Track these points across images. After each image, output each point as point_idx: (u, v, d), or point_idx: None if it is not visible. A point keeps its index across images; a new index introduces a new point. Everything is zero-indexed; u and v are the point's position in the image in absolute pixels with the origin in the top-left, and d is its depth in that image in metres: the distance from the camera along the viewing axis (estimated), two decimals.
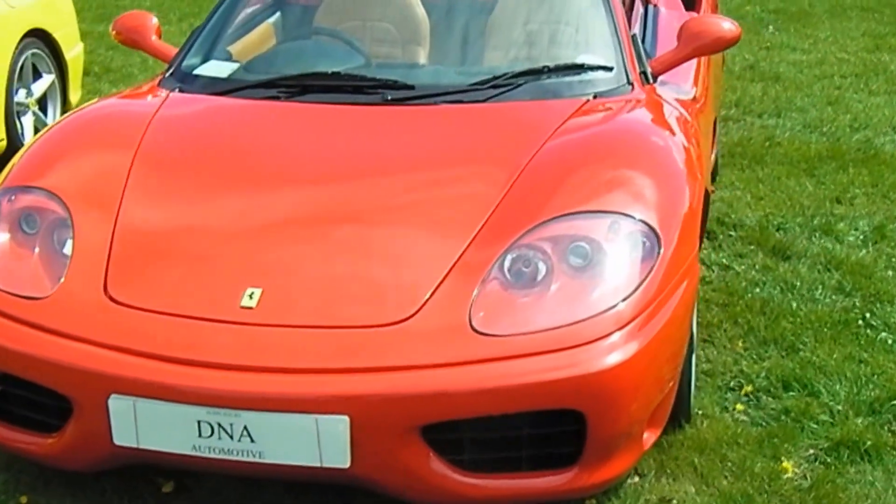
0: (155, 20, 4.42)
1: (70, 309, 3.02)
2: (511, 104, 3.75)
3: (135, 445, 2.89)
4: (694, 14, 5.05)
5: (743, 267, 4.82)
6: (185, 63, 4.15)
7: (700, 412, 3.67)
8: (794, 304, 4.43)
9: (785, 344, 4.12)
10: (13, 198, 3.37)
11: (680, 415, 3.46)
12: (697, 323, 4.24)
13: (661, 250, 3.12)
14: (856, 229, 5.17)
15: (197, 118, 3.78)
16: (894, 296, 4.51)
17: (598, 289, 3.00)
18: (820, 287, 4.60)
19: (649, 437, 3.17)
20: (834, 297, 4.53)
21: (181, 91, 3.97)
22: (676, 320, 3.14)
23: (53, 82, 6.48)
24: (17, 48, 6.03)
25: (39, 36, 6.30)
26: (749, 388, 3.81)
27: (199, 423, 2.82)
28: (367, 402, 2.77)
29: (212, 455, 2.85)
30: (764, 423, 3.64)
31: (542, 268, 3.04)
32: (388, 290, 2.98)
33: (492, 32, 4.25)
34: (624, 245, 3.10)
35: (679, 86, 4.24)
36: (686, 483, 3.32)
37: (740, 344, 4.12)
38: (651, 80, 4.02)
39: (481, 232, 3.12)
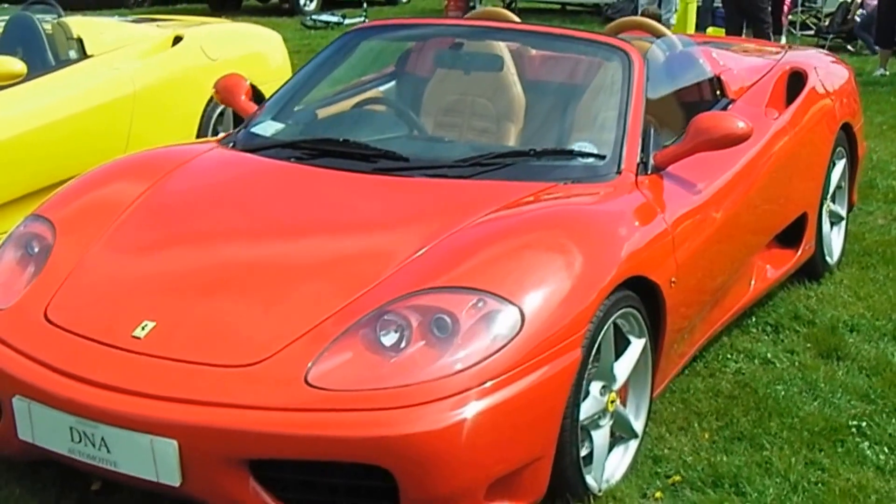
0: (247, 83, 5.00)
1: (14, 321, 3.62)
2: (483, 182, 4.01)
3: (32, 441, 3.42)
4: (776, 112, 5.10)
5: (784, 364, 4.77)
6: (252, 121, 4.70)
7: (617, 494, 3.74)
8: (800, 406, 4.36)
9: (757, 442, 4.10)
10: (27, 224, 4.02)
11: (566, 492, 3.57)
12: (691, 411, 4.32)
13: (522, 331, 3.30)
14: None
15: (208, 171, 4.29)
16: None
17: (442, 359, 3.23)
18: (841, 391, 4.50)
19: None
20: (852, 402, 4.42)
21: (233, 147, 4.51)
22: (533, 398, 3.30)
23: None
24: (211, 99, 6.77)
25: None
26: (678, 478, 3.85)
27: (71, 429, 3.31)
28: (193, 430, 3.16)
29: (83, 459, 3.33)
30: None
31: (405, 334, 3.31)
32: (251, 339, 3.35)
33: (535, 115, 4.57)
34: (482, 321, 3.29)
35: (691, 182, 4.31)
36: None
37: (707, 436, 4.13)
38: (650, 171, 4.16)
39: (362, 297, 3.42)
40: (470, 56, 4.89)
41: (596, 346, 3.55)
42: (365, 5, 16.70)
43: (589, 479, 3.64)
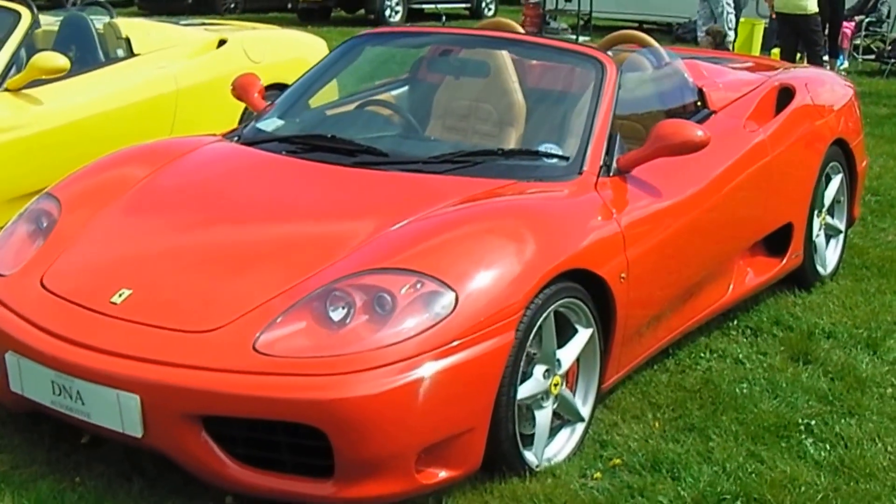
0: (260, 82, 5.40)
1: (15, 285, 4.03)
2: (451, 178, 4.32)
3: (21, 393, 3.82)
4: (756, 125, 5.34)
5: (753, 364, 4.99)
6: (260, 118, 5.09)
7: (556, 472, 3.99)
8: (756, 403, 4.57)
9: (705, 434, 4.32)
10: (40, 201, 4.45)
11: (501, 464, 3.84)
12: (649, 403, 4.58)
13: (455, 311, 3.60)
14: None
15: (205, 161, 4.67)
16: (866, 410, 4.55)
17: (380, 332, 3.55)
18: (801, 392, 4.70)
19: (437, 475, 3.62)
20: (809, 403, 4.62)
21: (237, 140, 4.90)
22: (465, 374, 3.59)
23: None
24: None
25: None
26: (618, 461, 4.10)
27: (52, 382, 3.69)
28: (152, 387, 3.52)
29: (63, 410, 3.71)
30: (601, 494, 3.89)
31: (351, 310, 3.63)
32: (211, 309, 3.71)
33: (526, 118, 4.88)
34: (418, 301, 3.60)
35: (654, 186, 4.57)
36: None
37: (658, 426, 4.37)
38: (612, 174, 4.43)
39: (314, 275, 3.75)
40: (471, 63, 5.22)
41: (536, 331, 3.83)
42: (444, 18, 17.15)
43: (528, 455, 3.92)
